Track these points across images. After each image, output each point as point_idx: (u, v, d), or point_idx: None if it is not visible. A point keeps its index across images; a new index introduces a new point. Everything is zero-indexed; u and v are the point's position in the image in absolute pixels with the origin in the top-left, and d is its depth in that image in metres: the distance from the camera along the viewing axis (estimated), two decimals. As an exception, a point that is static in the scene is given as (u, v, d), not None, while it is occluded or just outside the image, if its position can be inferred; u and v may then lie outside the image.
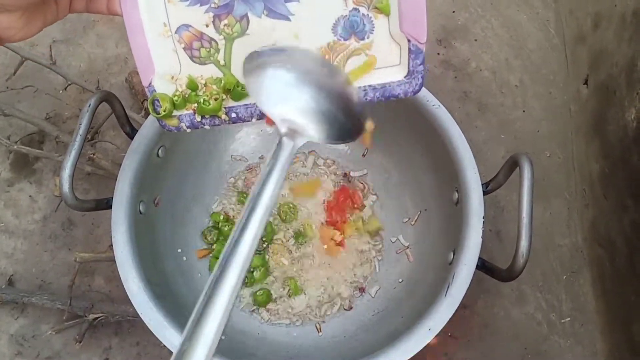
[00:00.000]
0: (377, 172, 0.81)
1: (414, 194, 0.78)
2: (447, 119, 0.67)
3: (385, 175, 0.81)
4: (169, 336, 0.56)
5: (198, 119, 0.47)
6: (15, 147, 0.88)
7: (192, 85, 0.46)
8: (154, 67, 0.44)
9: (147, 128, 0.66)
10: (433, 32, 1.03)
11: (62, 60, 0.99)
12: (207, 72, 0.45)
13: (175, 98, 0.46)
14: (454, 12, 1.06)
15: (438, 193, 0.73)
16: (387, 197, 0.80)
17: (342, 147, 0.83)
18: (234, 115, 0.47)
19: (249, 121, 0.48)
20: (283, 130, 0.38)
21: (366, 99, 0.45)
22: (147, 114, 0.86)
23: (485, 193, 0.64)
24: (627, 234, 0.76)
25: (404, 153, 0.78)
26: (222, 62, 0.45)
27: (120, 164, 0.64)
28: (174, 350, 0.28)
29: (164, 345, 0.55)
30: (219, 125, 0.48)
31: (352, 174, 0.82)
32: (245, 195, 0.79)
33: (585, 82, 0.92)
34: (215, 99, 0.46)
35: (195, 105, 0.46)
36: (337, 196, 0.78)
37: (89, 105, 0.59)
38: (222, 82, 0.45)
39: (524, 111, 0.98)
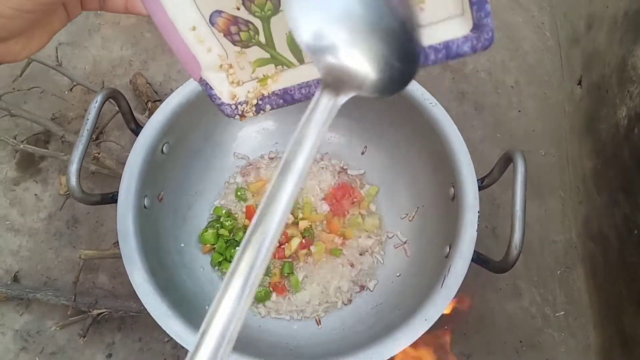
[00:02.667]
0: (375, 169, 0.83)
1: (412, 191, 0.79)
2: (444, 117, 0.69)
3: (383, 172, 0.82)
4: (173, 326, 0.57)
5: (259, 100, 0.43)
6: (22, 146, 0.89)
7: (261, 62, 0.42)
8: (197, 61, 0.41)
9: (152, 125, 0.68)
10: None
11: (67, 62, 1.01)
12: (253, 55, 0.42)
13: (231, 79, 0.42)
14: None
15: (435, 189, 0.74)
16: (385, 193, 0.82)
17: (342, 144, 0.84)
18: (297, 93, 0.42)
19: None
20: (326, 77, 0.29)
21: (428, 62, 0.38)
22: (150, 115, 0.88)
23: (480, 188, 0.66)
24: (618, 228, 0.77)
25: (402, 150, 0.79)
26: (264, 42, 0.41)
27: (125, 163, 0.66)
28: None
29: (167, 341, 0.56)
30: (288, 103, 0.42)
31: (350, 172, 0.83)
32: (242, 190, 0.80)
33: (579, 83, 0.94)
34: (270, 76, 0.42)
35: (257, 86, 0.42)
36: (335, 192, 0.80)
37: (96, 102, 0.61)
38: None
39: (519, 111, 1.00)
